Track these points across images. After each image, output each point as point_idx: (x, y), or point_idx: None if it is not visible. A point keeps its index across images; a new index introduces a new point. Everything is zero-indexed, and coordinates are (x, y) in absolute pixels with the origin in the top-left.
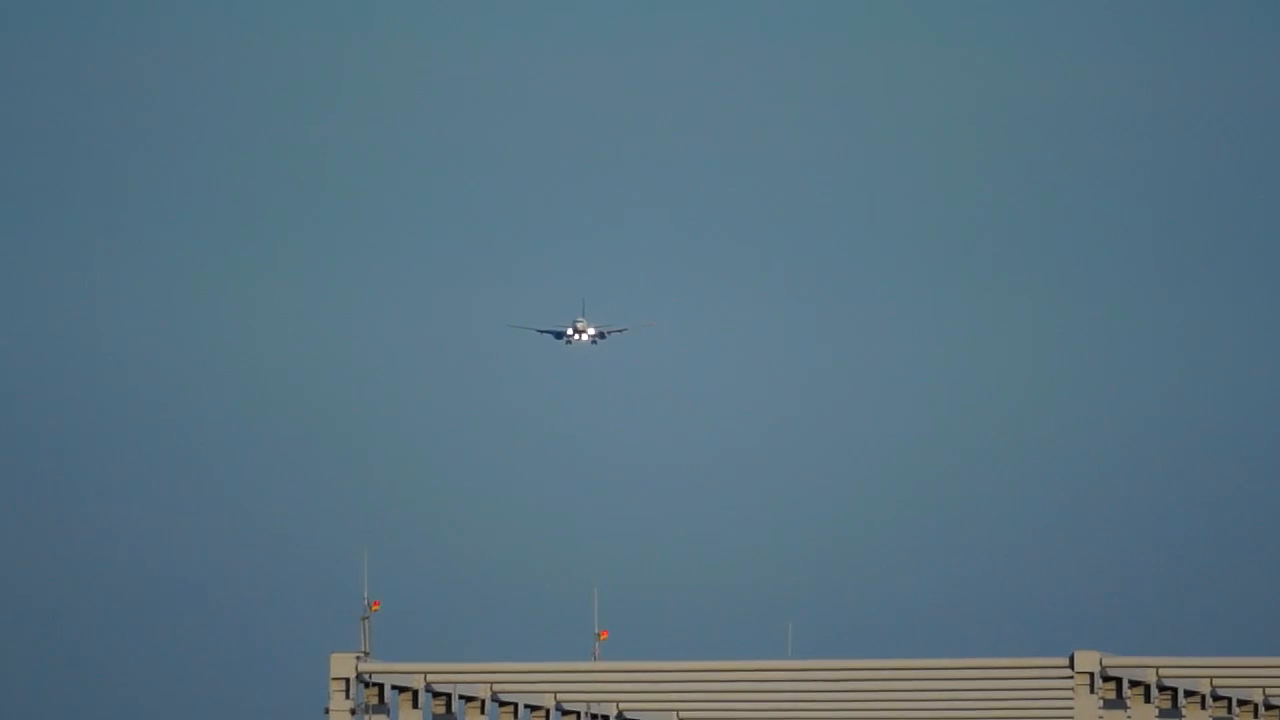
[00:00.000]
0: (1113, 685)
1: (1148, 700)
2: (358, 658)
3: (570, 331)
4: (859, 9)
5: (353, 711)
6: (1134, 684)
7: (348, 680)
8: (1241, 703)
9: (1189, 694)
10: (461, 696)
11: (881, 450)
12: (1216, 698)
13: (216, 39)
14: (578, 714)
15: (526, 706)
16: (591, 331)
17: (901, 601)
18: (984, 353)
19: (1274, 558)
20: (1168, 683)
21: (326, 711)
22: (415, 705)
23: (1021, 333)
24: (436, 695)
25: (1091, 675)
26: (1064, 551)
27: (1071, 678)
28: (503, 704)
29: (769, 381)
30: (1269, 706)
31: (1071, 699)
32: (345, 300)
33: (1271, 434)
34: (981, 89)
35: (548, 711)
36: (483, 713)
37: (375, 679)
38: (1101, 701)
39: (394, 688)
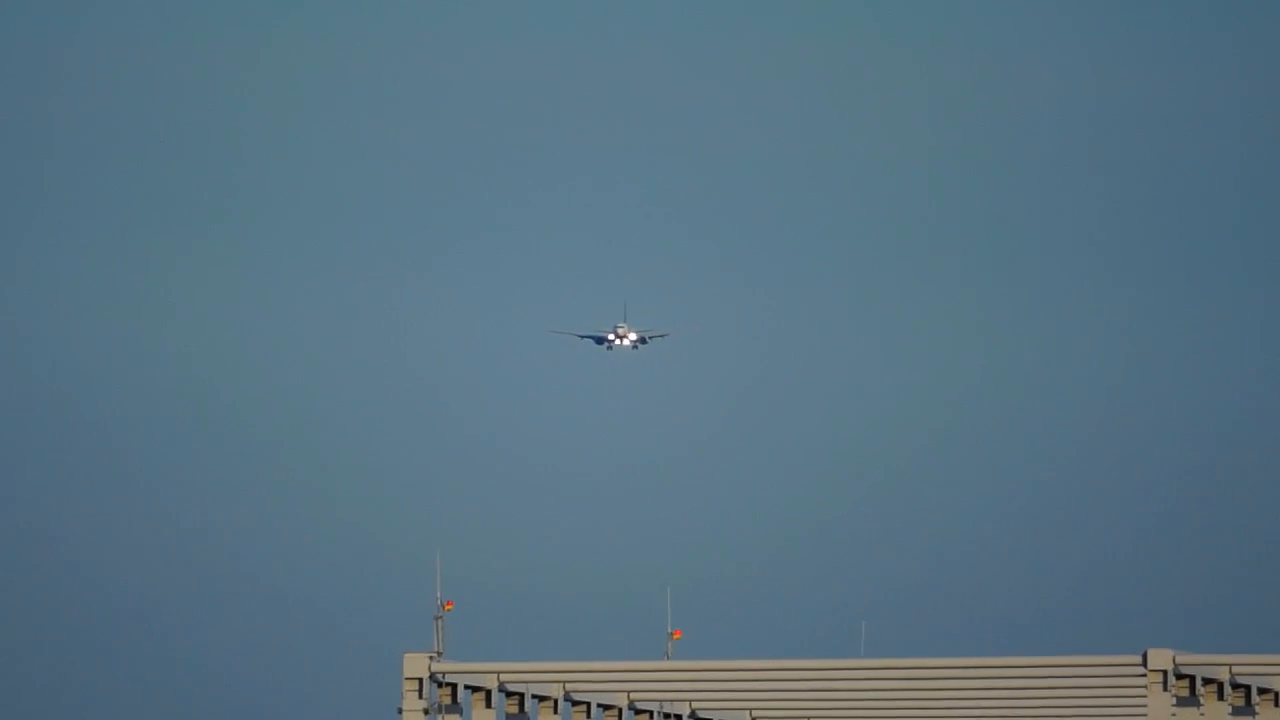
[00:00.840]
0: (1186, 683)
1: (1221, 698)
2: (431, 657)
3: (612, 337)
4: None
5: (426, 711)
6: (1207, 682)
7: (421, 680)
8: None
9: (1262, 692)
10: (534, 696)
11: (951, 451)
12: None
13: (235, 38)
14: (651, 713)
15: (599, 706)
16: (633, 337)
17: (973, 600)
18: (1048, 354)
19: None
20: (1241, 680)
21: (400, 711)
22: (488, 705)
23: (1091, 332)
24: (509, 695)
25: (1165, 673)
26: (1137, 550)
27: (1144, 675)
28: (576, 703)
29: (822, 384)
30: None
31: (1144, 697)
32: (400, 310)
33: None
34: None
35: (621, 711)
36: (556, 712)
37: (448, 679)
38: (1175, 699)
39: (467, 687)
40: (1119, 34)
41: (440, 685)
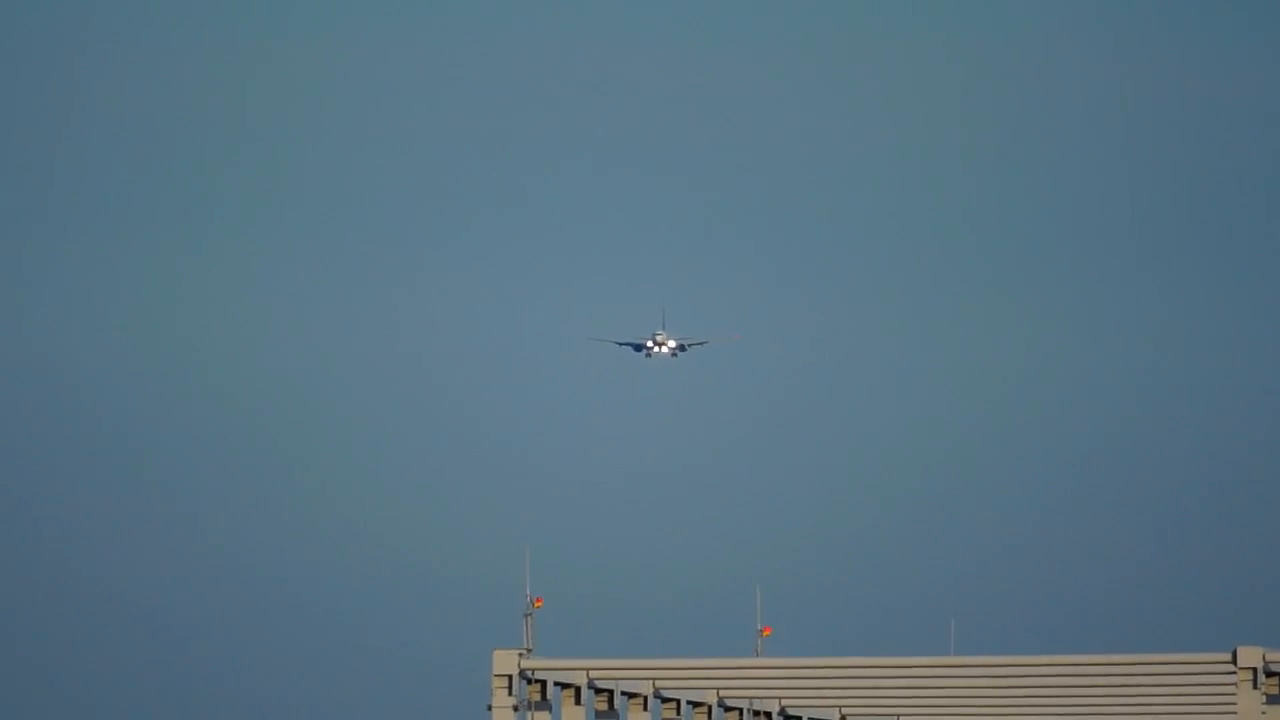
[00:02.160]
0: (1275, 680)
1: None
2: (521, 654)
3: (650, 344)
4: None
5: (515, 708)
6: None
7: (511, 677)
8: None
9: None
10: (624, 693)
11: (1038, 450)
12: None
13: (256, 38)
14: (740, 710)
15: (689, 703)
16: (672, 344)
17: (1063, 598)
18: (1126, 350)
19: None
20: None
21: (490, 708)
22: (578, 701)
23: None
24: (599, 691)
25: (1254, 671)
26: (1226, 549)
27: (1234, 673)
28: (665, 700)
29: (869, 387)
30: None
31: (1234, 694)
32: (440, 318)
33: None
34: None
35: (710, 708)
36: (645, 709)
37: (538, 675)
38: (1264, 697)
39: (556, 684)
40: (1159, 36)
41: (530, 682)
